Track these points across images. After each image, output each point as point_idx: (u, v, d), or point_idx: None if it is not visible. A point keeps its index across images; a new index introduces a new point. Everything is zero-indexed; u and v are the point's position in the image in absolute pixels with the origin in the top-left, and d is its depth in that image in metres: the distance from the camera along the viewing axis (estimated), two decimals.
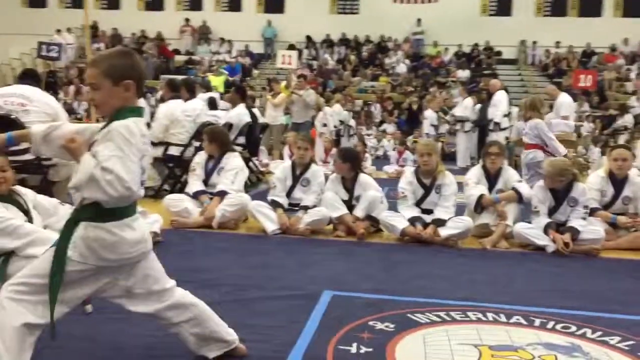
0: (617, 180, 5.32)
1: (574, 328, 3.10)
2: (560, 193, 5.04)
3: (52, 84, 19.62)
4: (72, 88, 19.55)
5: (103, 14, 23.09)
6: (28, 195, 3.56)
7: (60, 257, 2.12)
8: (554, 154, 7.80)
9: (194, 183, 5.64)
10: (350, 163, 5.47)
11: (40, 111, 5.41)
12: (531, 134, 7.62)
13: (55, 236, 3.30)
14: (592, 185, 5.34)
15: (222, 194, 5.43)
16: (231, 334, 2.54)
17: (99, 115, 2.06)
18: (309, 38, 23.42)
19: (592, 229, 4.97)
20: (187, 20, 23.82)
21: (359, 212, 5.31)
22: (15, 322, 2.06)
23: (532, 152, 7.63)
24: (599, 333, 3.04)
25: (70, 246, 2.13)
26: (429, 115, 14.56)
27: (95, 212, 2.12)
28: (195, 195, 5.53)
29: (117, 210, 2.15)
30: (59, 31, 21.78)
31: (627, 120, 16.03)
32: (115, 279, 2.25)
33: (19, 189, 3.55)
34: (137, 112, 2.21)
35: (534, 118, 7.57)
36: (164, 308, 2.39)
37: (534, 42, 22.26)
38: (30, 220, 3.42)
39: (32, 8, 24.08)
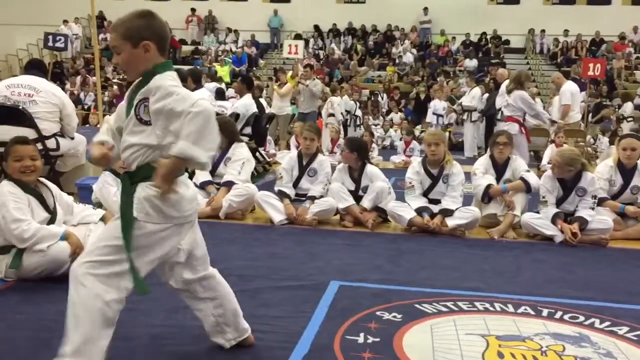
0: (626, 170, 5.28)
1: (582, 318, 3.09)
2: (569, 183, 5.01)
3: (58, 75, 19.66)
4: (78, 79, 19.59)
5: (109, 4, 22.98)
6: (53, 190, 3.59)
7: (128, 221, 2.11)
8: (540, 122, 8.05)
9: (201, 173, 5.64)
10: (357, 152, 5.45)
11: (46, 101, 5.44)
12: (513, 106, 7.67)
13: (56, 229, 3.34)
14: (600, 175, 5.31)
15: (229, 185, 5.43)
16: (245, 324, 2.55)
17: (129, 79, 2.04)
18: (317, 27, 23.33)
19: (601, 219, 4.94)
20: (193, 10, 23.78)
21: (366, 202, 5.29)
22: (98, 301, 2.05)
23: (508, 124, 7.69)
24: (607, 323, 3.03)
25: (135, 208, 2.11)
26: (434, 105, 14.52)
27: (152, 171, 2.09)
28: (202, 186, 5.53)
29: None
30: (65, 22, 21.81)
31: (627, 109, 15.85)
32: (179, 242, 2.25)
33: (46, 182, 3.58)
34: (168, 66, 2.21)
35: (517, 90, 7.64)
36: (198, 279, 2.39)
37: (542, 31, 22.09)
38: (54, 216, 3.47)
39: None
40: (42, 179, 3.58)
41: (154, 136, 2.12)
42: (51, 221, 3.46)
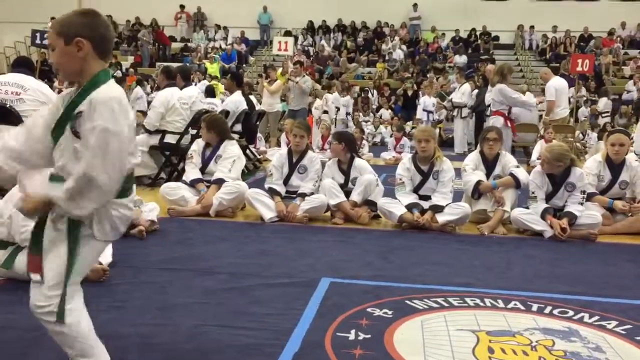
0: (614, 165, 5.31)
1: (571, 313, 3.11)
2: (558, 178, 5.04)
3: (46, 72, 19.49)
4: None
5: (97, 1, 22.91)
6: None
7: (74, 245, 2.02)
8: (525, 109, 8.20)
9: (191, 171, 5.62)
10: (345, 143, 5.48)
11: (34, 99, 5.39)
12: (495, 99, 7.73)
13: None
14: (589, 170, 5.34)
15: (220, 182, 5.42)
16: None
17: (61, 79, 1.85)
18: (311, 23, 23.27)
19: (590, 214, 4.97)
20: (182, 7, 23.67)
21: (356, 196, 5.31)
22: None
23: (493, 118, 7.76)
24: (596, 317, 3.05)
25: (94, 228, 2.04)
26: (424, 101, 14.54)
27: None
28: (192, 184, 5.52)
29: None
30: (53, 19, 21.60)
31: (601, 104, 15.94)
32: None
33: None
34: (107, 75, 2.05)
35: (499, 84, 7.70)
36: None
37: (532, 27, 22.19)
38: None
39: None
40: None
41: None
42: None
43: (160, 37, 23.07)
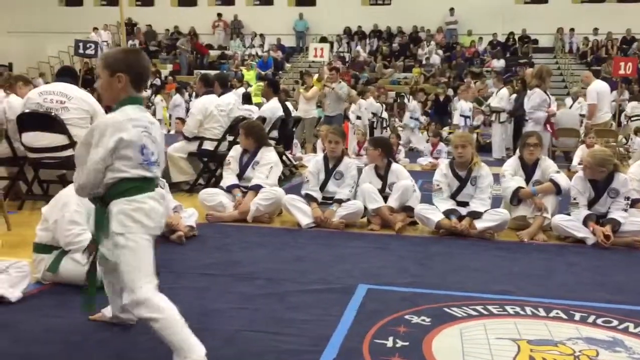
0: None
1: (615, 322, 3.03)
2: (601, 184, 4.92)
3: (89, 81, 19.99)
4: None
5: (137, 11, 23.46)
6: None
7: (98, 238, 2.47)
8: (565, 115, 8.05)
9: (228, 177, 5.68)
10: (381, 149, 5.47)
11: (78, 108, 5.54)
12: (532, 102, 7.59)
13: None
14: (633, 176, 5.21)
15: (257, 188, 5.46)
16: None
17: (104, 103, 2.38)
18: (348, 30, 23.31)
19: (634, 221, 4.84)
20: (219, 15, 24.00)
21: (393, 202, 5.29)
22: None
23: (532, 121, 7.66)
24: None
25: (112, 226, 2.37)
26: (461, 106, 14.38)
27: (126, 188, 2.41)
28: (229, 189, 5.57)
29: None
30: (95, 29, 22.19)
31: (629, 108, 15.36)
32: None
33: None
34: (132, 101, 2.48)
35: (537, 86, 7.56)
36: None
37: (572, 30, 21.75)
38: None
39: (69, 7, 24.62)
40: None
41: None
42: None
43: (198, 47, 23.45)
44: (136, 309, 2.32)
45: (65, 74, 6.03)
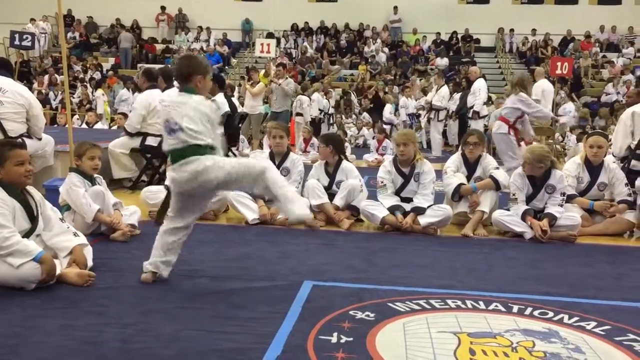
0: (593, 167, 5.38)
1: (551, 314, 3.14)
2: (538, 180, 5.09)
3: (25, 74, 19.25)
4: (46, 78, 19.22)
5: (77, 2, 22.65)
6: (36, 198, 3.49)
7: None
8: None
9: None
10: (332, 145, 5.49)
11: (13, 102, 5.33)
12: (512, 106, 7.69)
13: (34, 247, 3.23)
14: (568, 172, 5.40)
15: None
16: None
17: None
18: (296, 26, 23.25)
19: (569, 216, 5.03)
20: (163, 8, 23.48)
21: (338, 200, 5.31)
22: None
23: (498, 122, 7.83)
24: (576, 318, 3.09)
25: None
26: (406, 104, 14.60)
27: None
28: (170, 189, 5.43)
29: None
30: (32, 20, 21.37)
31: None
32: None
33: (32, 190, 3.49)
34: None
35: (519, 92, 7.65)
36: None
37: (512, 30, 22.38)
38: (34, 228, 3.39)
39: None
40: (29, 187, 3.49)
41: None
42: (30, 232, 3.38)
43: (147, 47, 22.82)
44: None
45: (0, 67, 5.77)
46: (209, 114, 3.31)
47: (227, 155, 6.70)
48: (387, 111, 14.68)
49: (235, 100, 9.78)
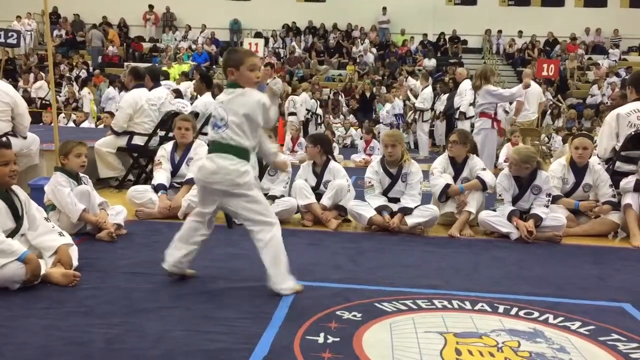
0: (578, 168, 5.42)
1: (536, 314, 3.17)
2: (524, 181, 5.13)
3: (11, 72, 19.06)
4: (31, 76, 19.03)
5: (65, 1, 22.48)
6: (21, 197, 3.45)
7: None
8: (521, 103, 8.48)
9: (158, 176, 5.51)
10: (320, 145, 5.49)
11: None
12: (482, 101, 7.78)
13: (18, 247, 3.20)
14: (554, 173, 5.44)
15: (191, 183, 5.33)
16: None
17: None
18: (286, 25, 23.21)
19: (554, 216, 5.07)
20: (150, 6, 23.36)
21: (326, 200, 5.31)
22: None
23: (480, 120, 7.86)
24: (561, 318, 3.11)
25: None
26: (393, 104, 14.63)
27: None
28: (157, 189, 5.40)
29: None
30: (18, 17, 21.17)
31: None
32: None
33: (17, 189, 3.46)
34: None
35: (483, 86, 7.75)
36: None
37: (499, 31, 22.54)
38: (18, 227, 3.35)
39: None
40: (15, 186, 3.45)
41: None
42: (15, 231, 3.34)
43: (134, 45, 22.66)
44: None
45: None
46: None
47: None
48: (384, 111, 14.71)
49: None
